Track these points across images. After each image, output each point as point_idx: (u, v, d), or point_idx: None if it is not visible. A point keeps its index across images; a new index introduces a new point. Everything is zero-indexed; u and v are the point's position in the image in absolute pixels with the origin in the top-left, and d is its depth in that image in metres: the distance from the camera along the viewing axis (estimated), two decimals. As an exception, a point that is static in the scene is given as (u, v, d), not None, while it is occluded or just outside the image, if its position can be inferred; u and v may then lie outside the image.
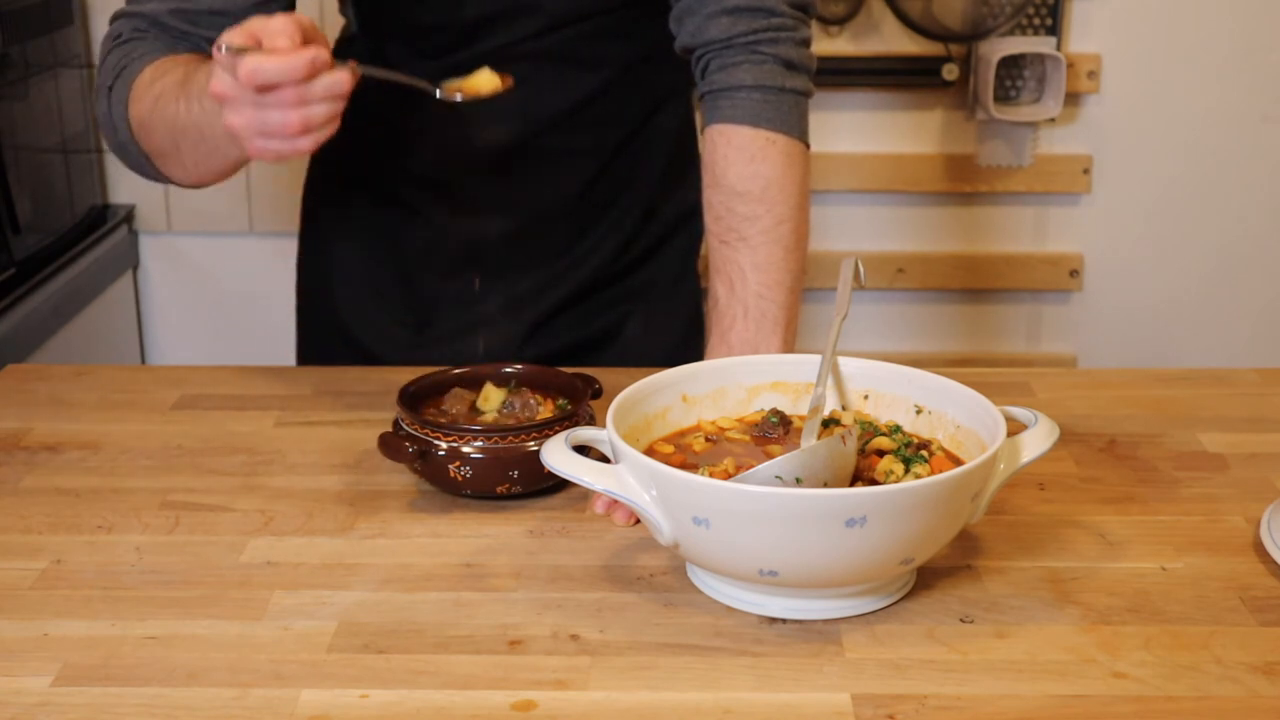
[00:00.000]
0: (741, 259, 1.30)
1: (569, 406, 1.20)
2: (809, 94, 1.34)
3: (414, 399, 1.21)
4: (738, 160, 1.30)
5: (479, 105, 1.25)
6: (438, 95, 1.18)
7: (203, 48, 1.32)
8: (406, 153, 1.52)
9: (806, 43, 1.34)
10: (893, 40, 2.72)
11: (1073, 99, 2.73)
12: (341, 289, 1.59)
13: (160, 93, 1.27)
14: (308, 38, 1.08)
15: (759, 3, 1.31)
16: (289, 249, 1.80)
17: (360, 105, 1.53)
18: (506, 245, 1.53)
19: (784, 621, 0.98)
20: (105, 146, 2.75)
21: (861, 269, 1.19)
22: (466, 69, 1.45)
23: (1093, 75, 2.72)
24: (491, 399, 1.23)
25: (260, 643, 0.96)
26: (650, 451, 1.07)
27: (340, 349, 1.59)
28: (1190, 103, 2.75)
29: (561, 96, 1.47)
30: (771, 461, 0.98)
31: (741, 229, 1.30)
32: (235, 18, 1.24)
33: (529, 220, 1.52)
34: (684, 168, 1.54)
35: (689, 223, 1.57)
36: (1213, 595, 1.02)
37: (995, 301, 2.88)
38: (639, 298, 1.59)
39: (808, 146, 1.34)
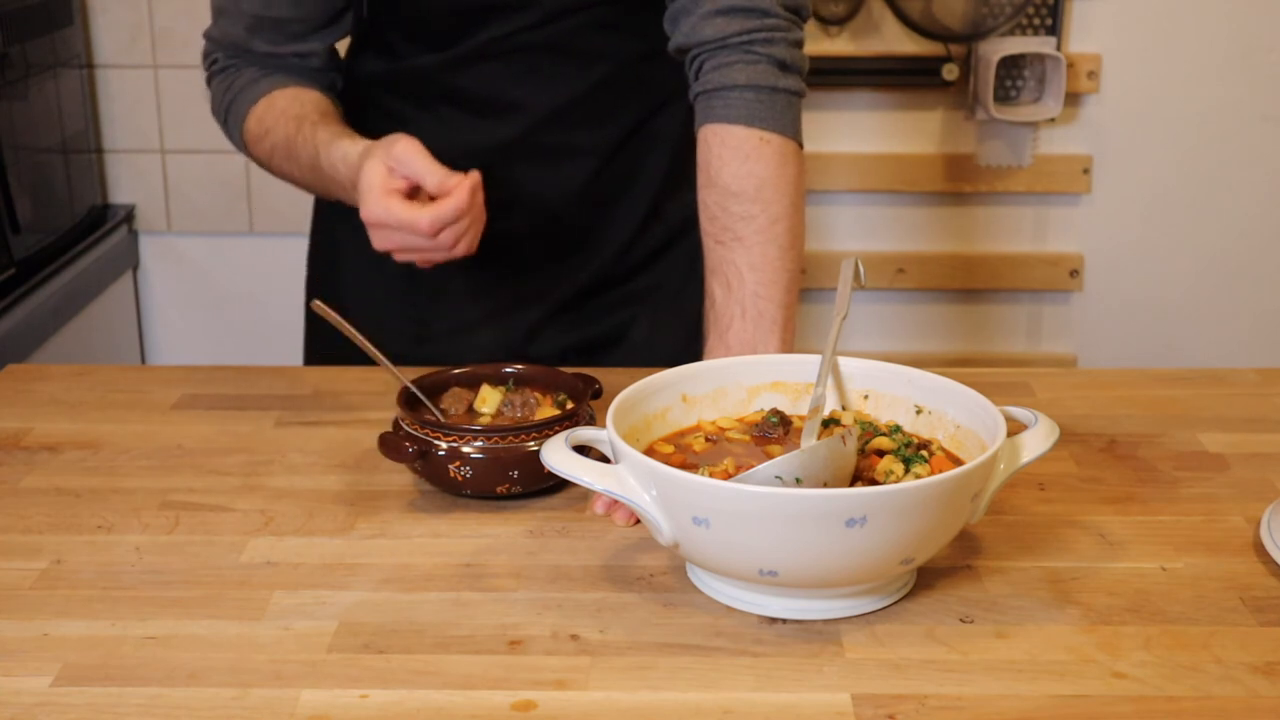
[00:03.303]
0: (738, 259, 1.30)
1: (569, 406, 1.20)
2: (802, 94, 1.35)
3: (414, 399, 1.21)
4: (732, 159, 1.31)
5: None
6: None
7: (291, 64, 1.48)
8: None
9: (799, 44, 1.35)
10: (893, 40, 2.72)
11: (1073, 99, 2.73)
12: (348, 286, 1.59)
13: (269, 151, 1.45)
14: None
15: (753, 3, 1.32)
16: (289, 249, 1.81)
17: (364, 99, 1.55)
18: (509, 242, 1.54)
19: (784, 621, 0.98)
20: (105, 146, 2.76)
21: (861, 269, 1.19)
22: (468, 61, 1.46)
23: (1093, 75, 2.72)
24: (491, 399, 1.23)
25: (260, 643, 0.96)
26: (650, 451, 1.07)
27: (347, 347, 1.59)
28: (1190, 103, 2.75)
29: (560, 91, 1.48)
30: (771, 461, 0.98)
31: (737, 228, 1.30)
32: (308, 27, 1.46)
33: (531, 218, 1.53)
34: (687, 170, 1.54)
35: (693, 226, 1.57)
36: (1213, 595, 1.02)
37: (995, 301, 2.88)
38: (644, 301, 1.59)
39: (801, 146, 1.35)
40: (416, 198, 1.30)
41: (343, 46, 1.58)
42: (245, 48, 1.47)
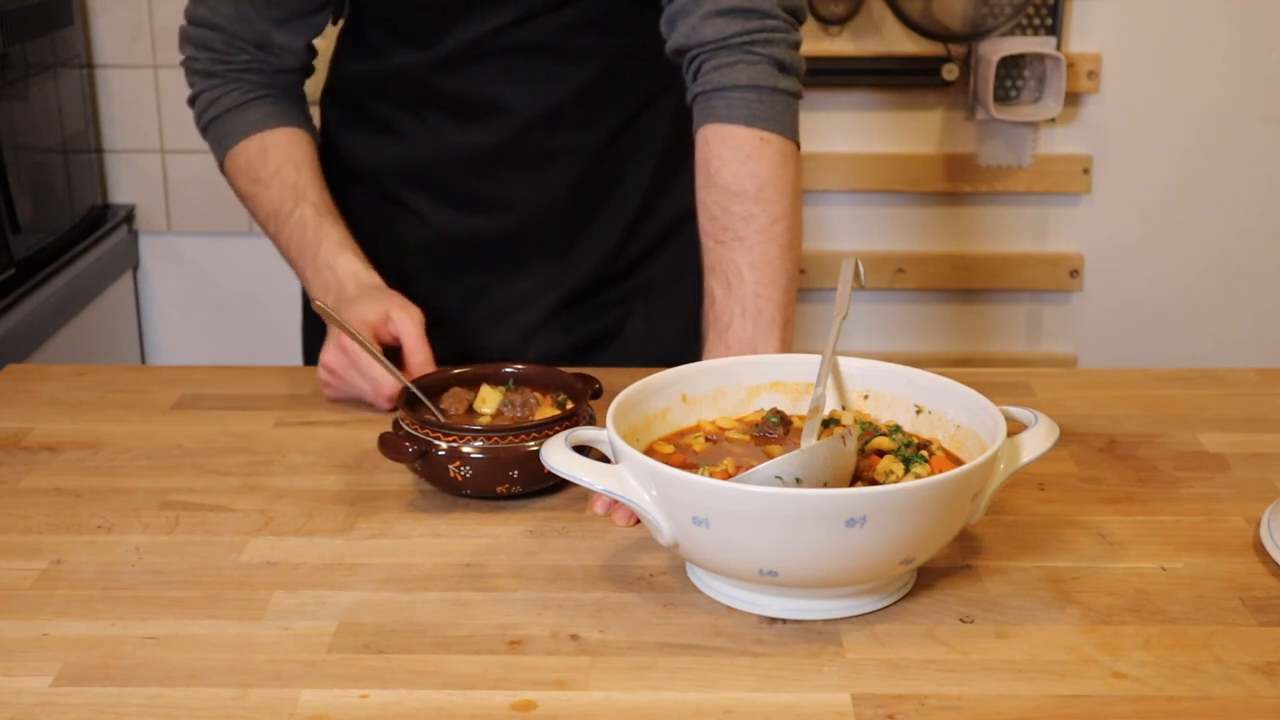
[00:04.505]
0: (738, 258, 1.30)
1: (569, 406, 1.20)
2: (800, 95, 1.35)
3: (414, 399, 1.21)
4: (733, 159, 1.31)
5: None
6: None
7: (271, 70, 1.49)
8: (400, 150, 1.53)
9: (797, 46, 1.36)
10: (893, 40, 2.72)
11: (1073, 99, 2.73)
12: None
13: (253, 194, 1.49)
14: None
15: (753, 4, 1.32)
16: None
17: (350, 103, 1.55)
18: (501, 245, 1.54)
19: (784, 621, 0.98)
20: (105, 146, 2.75)
21: (861, 269, 1.19)
22: (452, 63, 1.46)
23: (1093, 75, 2.72)
24: (491, 399, 1.23)
25: (260, 643, 0.96)
26: (650, 451, 1.07)
27: None
28: (1190, 103, 2.75)
29: (547, 93, 1.48)
30: (771, 461, 0.98)
31: (737, 228, 1.30)
32: (287, 11, 1.46)
33: (521, 220, 1.53)
34: (679, 166, 1.54)
35: (687, 223, 1.57)
36: (1213, 595, 1.02)
37: (995, 301, 2.88)
38: (639, 297, 1.59)
39: (799, 147, 1.35)
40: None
41: (327, 54, 1.59)
42: (229, 34, 1.46)
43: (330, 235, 1.44)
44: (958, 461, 1.06)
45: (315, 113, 1.61)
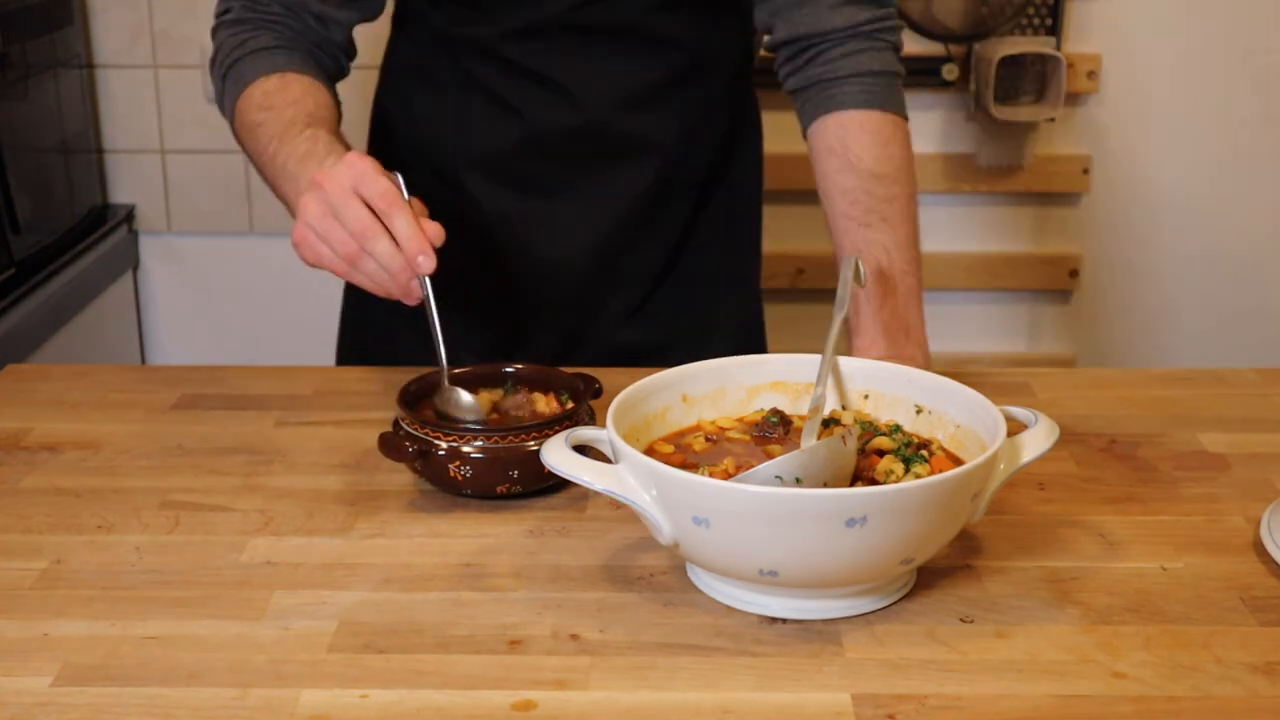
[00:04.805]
0: (885, 239, 1.36)
1: (569, 406, 1.20)
2: (904, 77, 1.43)
3: (414, 399, 1.21)
4: (873, 144, 1.36)
5: None
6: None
7: (310, 29, 1.40)
8: (464, 136, 1.49)
9: (901, 30, 1.43)
10: (893, 40, 2.72)
11: (1073, 99, 2.73)
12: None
13: (260, 122, 1.33)
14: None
15: None
16: (289, 249, 1.80)
17: (420, 83, 1.51)
18: (567, 242, 1.52)
19: (784, 621, 0.98)
20: (105, 146, 2.75)
21: (862, 269, 1.19)
22: (523, 37, 1.42)
23: (1093, 75, 2.72)
24: (490, 399, 1.23)
25: (260, 643, 0.96)
26: (650, 451, 1.07)
27: (377, 348, 1.57)
28: (1190, 103, 2.75)
29: (624, 81, 1.45)
30: (771, 461, 0.98)
31: (882, 210, 1.36)
32: None
33: (591, 213, 1.51)
34: (734, 164, 1.55)
35: (740, 223, 1.59)
36: (1213, 595, 1.02)
37: (994, 301, 2.88)
38: (691, 311, 1.59)
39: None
40: None
41: (382, 39, 1.56)
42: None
43: (341, 151, 1.29)
44: (958, 461, 1.06)
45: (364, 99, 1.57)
